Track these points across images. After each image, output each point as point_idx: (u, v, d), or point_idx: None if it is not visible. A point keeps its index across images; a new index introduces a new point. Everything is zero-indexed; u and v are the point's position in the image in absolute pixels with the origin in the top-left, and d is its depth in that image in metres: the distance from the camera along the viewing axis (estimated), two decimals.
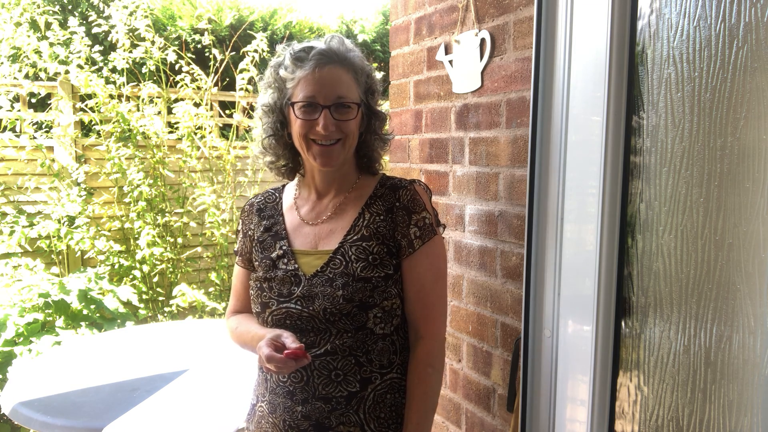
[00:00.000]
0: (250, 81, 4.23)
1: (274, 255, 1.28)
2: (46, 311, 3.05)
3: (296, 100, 1.21)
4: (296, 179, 1.39)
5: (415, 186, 1.28)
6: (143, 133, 3.86)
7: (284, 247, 1.28)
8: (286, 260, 1.26)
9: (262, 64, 4.34)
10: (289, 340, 1.11)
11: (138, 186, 3.80)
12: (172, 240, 4.04)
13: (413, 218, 1.23)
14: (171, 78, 4.09)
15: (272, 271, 1.26)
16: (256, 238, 1.34)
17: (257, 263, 1.31)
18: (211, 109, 4.30)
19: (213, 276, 4.15)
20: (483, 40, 1.64)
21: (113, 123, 3.79)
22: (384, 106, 1.41)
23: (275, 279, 1.25)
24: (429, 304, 1.25)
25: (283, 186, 1.43)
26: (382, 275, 1.20)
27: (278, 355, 1.08)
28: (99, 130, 3.86)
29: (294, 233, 1.30)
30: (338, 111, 1.20)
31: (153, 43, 3.96)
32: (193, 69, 4.05)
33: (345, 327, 1.18)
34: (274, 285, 1.24)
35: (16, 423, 1.84)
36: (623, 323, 1.25)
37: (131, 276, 3.86)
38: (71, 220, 3.71)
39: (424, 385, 1.23)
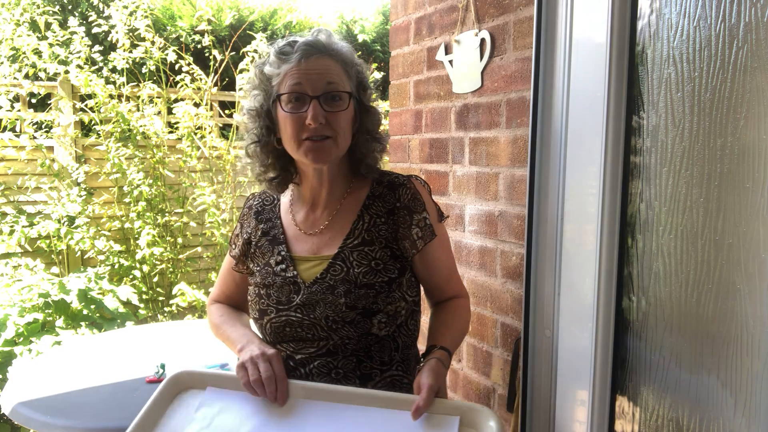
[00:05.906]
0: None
1: (272, 261, 1.24)
2: (46, 311, 3.05)
3: (282, 92, 1.14)
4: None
5: (415, 183, 1.24)
6: (143, 133, 3.86)
7: (283, 253, 1.23)
8: (284, 266, 1.21)
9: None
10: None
11: (138, 186, 3.80)
12: (172, 240, 4.04)
13: (414, 218, 1.20)
14: (171, 78, 4.09)
15: (270, 277, 1.22)
16: (254, 242, 1.30)
17: (257, 269, 1.27)
18: (211, 109, 4.29)
19: (213, 276, 4.15)
20: (483, 40, 1.64)
21: (113, 123, 3.78)
22: (382, 106, 1.37)
23: (273, 286, 1.21)
24: (452, 281, 1.30)
25: None
26: (386, 280, 1.16)
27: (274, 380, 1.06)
28: (99, 130, 3.86)
29: (293, 239, 1.26)
30: (328, 102, 1.12)
31: (153, 43, 3.96)
32: (193, 69, 4.05)
33: (348, 334, 1.14)
34: (272, 292, 1.20)
35: (16, 423, 1.83)
36: (623, 323, 1.25)
37: (131, 276, 3.86)
38: (71, 220, 3.70)
39: (460, 312, 1.28)
